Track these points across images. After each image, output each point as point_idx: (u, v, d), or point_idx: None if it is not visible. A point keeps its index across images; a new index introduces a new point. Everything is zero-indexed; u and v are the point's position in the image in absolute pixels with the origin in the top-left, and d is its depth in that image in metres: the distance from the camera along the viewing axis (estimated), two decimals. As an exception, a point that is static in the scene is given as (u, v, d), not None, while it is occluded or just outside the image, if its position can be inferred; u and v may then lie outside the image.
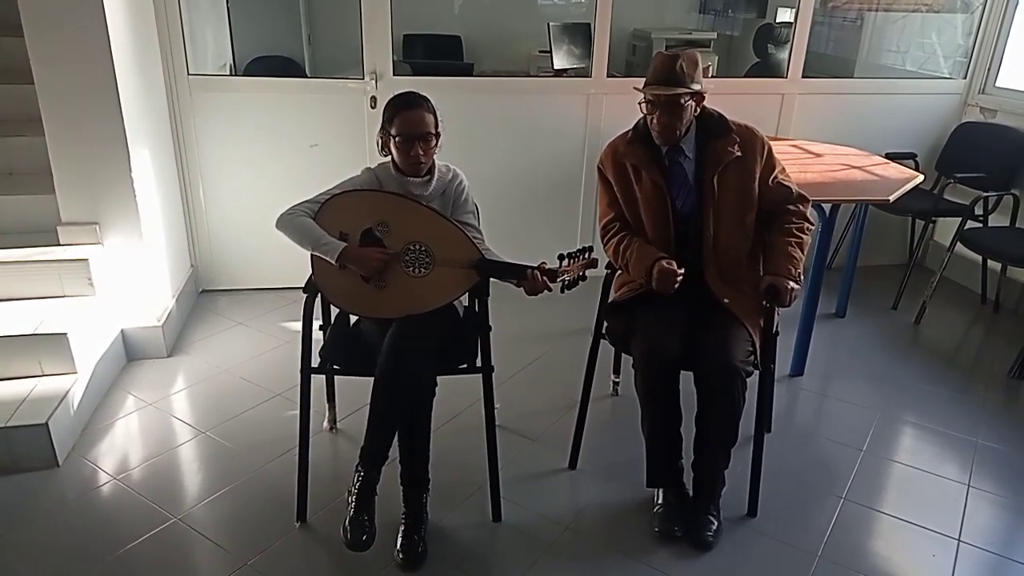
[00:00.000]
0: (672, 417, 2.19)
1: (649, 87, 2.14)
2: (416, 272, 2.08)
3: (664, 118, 2.14)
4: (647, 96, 2.16)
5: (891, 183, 3.03)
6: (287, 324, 3.44)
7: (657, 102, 2.14)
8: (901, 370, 3.22)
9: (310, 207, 2.13)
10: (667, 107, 2.13)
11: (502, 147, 3.73)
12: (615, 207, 2.34)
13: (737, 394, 2.09)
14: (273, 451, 2.53)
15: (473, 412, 2.68)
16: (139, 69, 3.01)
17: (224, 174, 3.57)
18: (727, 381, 2.07)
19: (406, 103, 2.11)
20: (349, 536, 1.96)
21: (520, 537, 2.20)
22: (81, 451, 2.53)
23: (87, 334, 2.75)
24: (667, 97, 2.11)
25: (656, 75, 2.13)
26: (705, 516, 2.19)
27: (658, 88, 2.12)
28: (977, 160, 3.79)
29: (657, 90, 2.12)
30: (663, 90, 2.11)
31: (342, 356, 2.23)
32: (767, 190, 2.25)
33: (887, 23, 4.70)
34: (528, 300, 2.13)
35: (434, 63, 5.04)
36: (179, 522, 2.22)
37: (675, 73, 2.10)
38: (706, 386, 2.14)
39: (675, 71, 2.10)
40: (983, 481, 2.50)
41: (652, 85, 2.14)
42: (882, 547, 2.22)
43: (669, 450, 2.22)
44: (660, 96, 2.12)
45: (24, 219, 2.99)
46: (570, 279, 2.05)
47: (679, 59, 2.11)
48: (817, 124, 3.89)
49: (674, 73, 2.10)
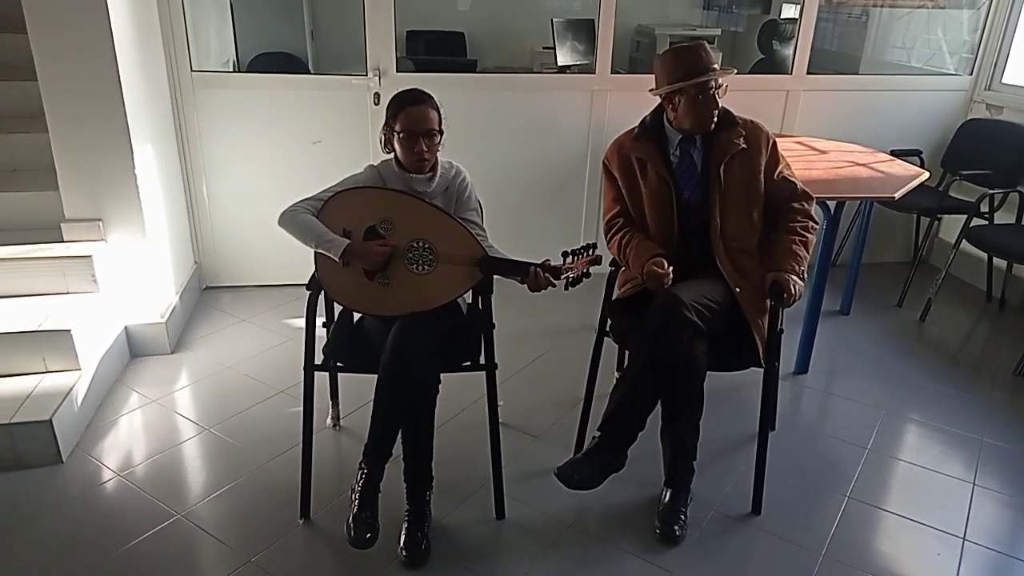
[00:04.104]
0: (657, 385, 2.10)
1: (703, 77, 2.15)
2: (419, 269, 2.08)
3: (716, 103, 2.19)
4: (698, 87, 2.16)
5: (896, 180, 3.02)
6: (290, 321, 3.44)
7: (706, 92, 2.16)
8: (906, 368, 3.21)
9: (313, 204, 2.13)
10: (714, 93, 2.18)
11: (505, 144, 3.72)
12: (619, 203, 2.34)
13: (683, 335, 2.03)
14: (277, 448, 2.53)
15: (476, 409, 2.68)
16: (142, 65, 3.01)
17: (227, 171, 3.57)
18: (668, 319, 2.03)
19: (410, 100, 2.10)
20: (352, 533, 1.96)
21: (523, 534, 2.20)
22: (85, 447, 2.53)
23: (91, 331, 2.75)
24: (714, 83, 2.16)
25: (697, 66, 2.16)
26: (676, 508, 2.19)
27: (710, 75, 2.15)
28: (983, 157, 3.77)
29: (720, 75, 2.16)
30: (724, 73, 2.17)
31: (345, 353, 2.23)
32: (772, 184, 2.27)
33: (892, 19, 4.68)
34: (532, 297, 2.12)
35: (437, 59, 5.03)
36: (183, 519, 2.22)
37: (711, 58, 2.18)
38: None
39: (710, 57, 2.18)
40: (988, 480, 2.49)
41: (703, 74, 2.15)
42: (886, 546, 2.21)
43: (636, 409, 2.11)
44: (710, 83, 2.16)
45: (28, 215, 3.00)
46: (574, 276, 2.04)
47: (705, 44, 2.20)
48: (822, 121, 3.88)
49: (710, 59, 2.18)
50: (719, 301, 2.14)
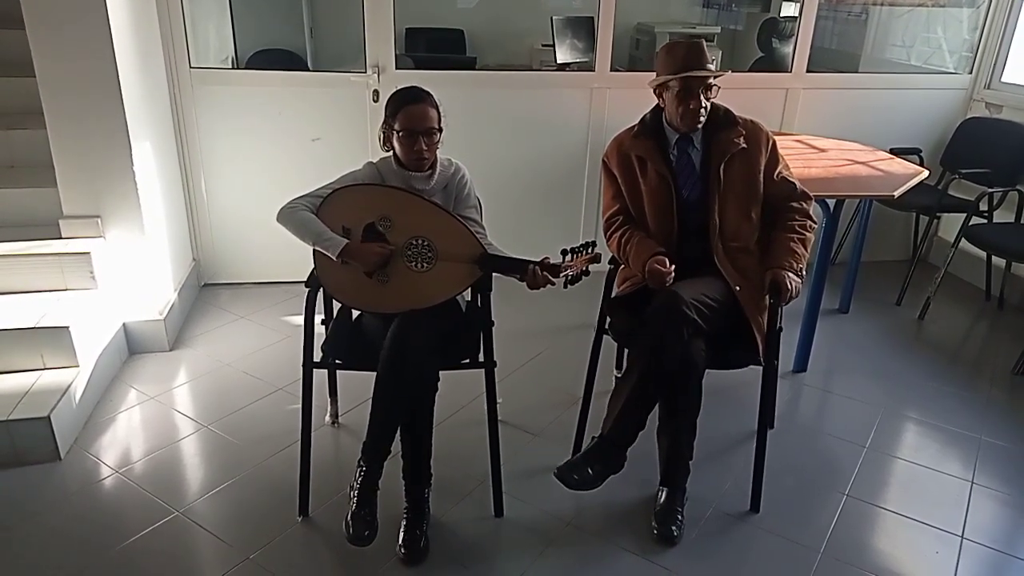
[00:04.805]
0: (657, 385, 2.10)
1: (684, 73, 2.14)
2: (418, 267, 2.07)
3: (697, 102, 2.17)
4: (680, 83, 2.16)
5: (896, 179, 3.01)
6: (289, 318, 3.43)
7: (692, 88, 2.15)
8: (905, 366, 3.21)
9: (311, 201, 2.12)
10: (703, 90, 2.17)
11: (505, 141, 3.72)
12: (619, 200, 2.34)
13: (683, 333, 2.03)
14: (275, 445, 2.53)
15: (475, 407, 2.68)
16: (141, 62, 3.00)
17: (226, 168, 3.56)
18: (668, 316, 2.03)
19: (410, 98, 2.10)
20: (351, 531, 1.96)
21: (522, 532, 2.20)
22: (83, 444, 2.53)
23: (89, 327, 2.75)
24: (703, 80, 2.15)
25: (689, 61, 2.15)
26: (673, 508, 2.19)
27: (699, 72, 2.14)
28: (982, 156, 3.77)
29: (699, 74, 2.14)
30: (704, 73, 2.15)
31: (344, 350, 2.23)
32: (771, 184, 2.27)
33: (892, 18, 4.68)
34: (531, 295, 2.12)
35: (437, 57, 5.02)
36: (181, 516, 2.22)
37: (705, 56, 2.16)
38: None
39: (705, 54, 2.16)
40: (987, 478, 2.49)
41: (687, 71, 2.14)
42: (885, 544, 2.21)
43: (636, 410, 2.10)
44: (698, 80, 2.14)
45: (26, 212, 2.99)
46: (573, 274, 2.04)
47: (701, 43, 2.17)
48: (821, 119, 3.88)
49: (705, 56, 2.16)
50: (718, 299, 2.14)
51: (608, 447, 2.09)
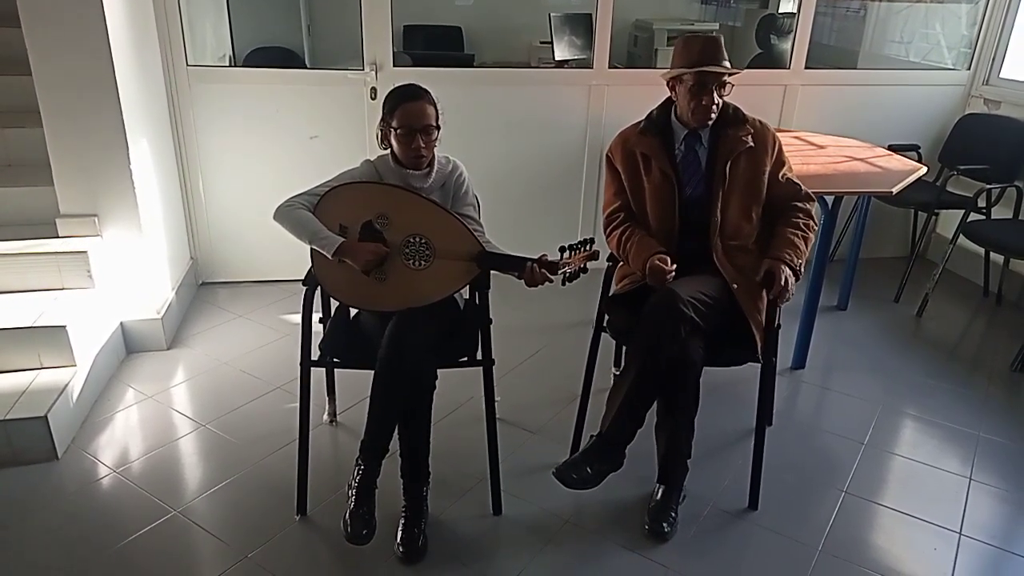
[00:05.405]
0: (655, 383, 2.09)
1: (699, 68, 2.14)
2: (416, 265, 2.07)
3: (710, 98, 2.17)
4: (694, 78, 2.15)
5: (894, 175, 3.01)
6: (287, 317, 3.43)
7: (706, 83, 2.15)
8: (903, 363, 3.21)
9: (309, 199, 2.12)
10: (717, 87, 2.16)
11: (503, 139, 3.71)
12: (621, 196, 2.34)
13: (680, 331, 2.02)
14: (273, 444, 2.52)
15: (474, 405, 2.67)
16: (138, 60, 2.99)
17: (224, 166, 3.56)
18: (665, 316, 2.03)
19: (408, 95, 2.09)
20: (349, 529, 1.96)
21: (521, 530, 2.20)
22: (81, 444, 2.52)
23: (86, 326, 2.74)
24: (717, 76, 2.14)
25: (705, 56, 2.15)
26: (667, 505, 2.19)
27: (714, 68, 2.13)
28: (980, 152, 3.77)
29: (714, 69, 2.13)
30: (719, 70, 2.14)
31: (342, 349, 2.22)
32: (776, 185, 2.28)
33: (890, 13, 4.67)
34: (529, 293, 2.12)
35: (435, 54, 5.01)
36: (179, 515, 2.21)
37: (722, 52, 2.15)
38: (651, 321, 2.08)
39: (722, 51, 2.15)
40: (985, 474, 2.49)
41: (702, 65, 2.13)
42: (883, 540, 2.22)
43: (634, 408, 2.10)
44: (712, 76, 2.14)
45: (23, 211, 2.98)
46: (571, 271, 2.03)
47: (719, 39, 2.16)
48: (820, 115, 3.87)
49: (722, 53, 2.15)
50: (716, 297, 2.14)
51: (606, 445, 2.09)
